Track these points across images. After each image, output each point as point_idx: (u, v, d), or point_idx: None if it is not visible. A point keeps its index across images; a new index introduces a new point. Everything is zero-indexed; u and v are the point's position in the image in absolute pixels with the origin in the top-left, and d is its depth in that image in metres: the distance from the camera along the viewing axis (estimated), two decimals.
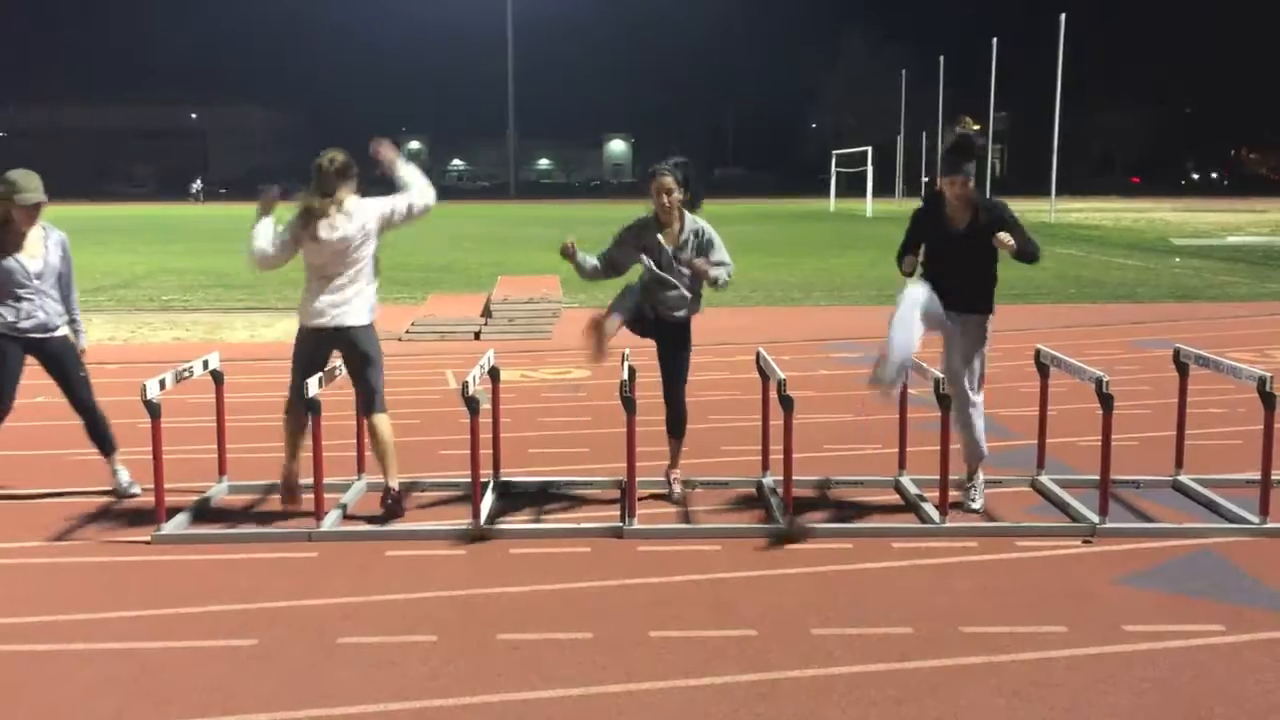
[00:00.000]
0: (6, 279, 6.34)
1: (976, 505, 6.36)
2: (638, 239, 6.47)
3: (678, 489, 6.60)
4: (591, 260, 6.54)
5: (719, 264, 6.44)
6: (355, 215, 6.14)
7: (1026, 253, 6.17)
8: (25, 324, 6.42)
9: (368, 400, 6.26)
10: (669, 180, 6.33)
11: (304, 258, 6.19)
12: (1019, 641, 4.60)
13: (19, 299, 6.38)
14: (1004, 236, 6.07)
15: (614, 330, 6.27)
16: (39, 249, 6.42)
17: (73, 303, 6.70)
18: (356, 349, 6.20)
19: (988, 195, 6.83)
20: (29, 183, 6.32)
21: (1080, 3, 62.87)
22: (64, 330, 6.62)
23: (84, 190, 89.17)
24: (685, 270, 6.40)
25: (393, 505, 6.16)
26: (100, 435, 6.72)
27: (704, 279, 6.40)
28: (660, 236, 6.42)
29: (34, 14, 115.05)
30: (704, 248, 6.43)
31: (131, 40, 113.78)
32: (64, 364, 6.59)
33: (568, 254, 6.41)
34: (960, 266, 6.27)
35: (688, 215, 6.46)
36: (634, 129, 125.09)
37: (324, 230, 6.06)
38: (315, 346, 6.22)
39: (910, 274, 6.40)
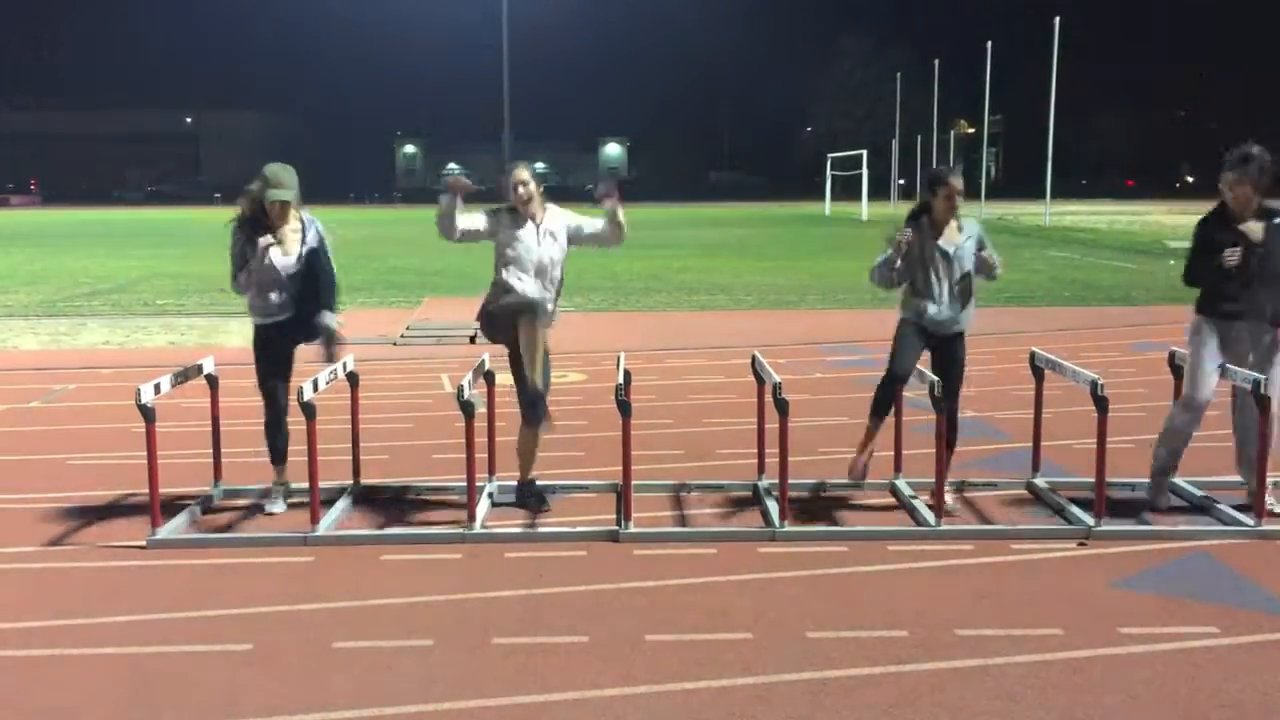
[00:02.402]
0: (260, 273, 6.27)
1: None
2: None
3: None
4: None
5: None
6: (555, 217, 6.39)
7: None
8: (280, 318, 6.35)
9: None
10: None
11: (505, 250, 6.28)
12: (1015, 644, 4.61)
13: (271, 293, 6.31)
14: None
15: None
16: (294, 245, 6.34)
17: (325, 291, 6.48)
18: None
19: (981, 198, 6.86)
20: (280, 179, 6.24)
21: (1074, 6, 63.03)
22: (333, 321, 6.44)
23: (78, 194, 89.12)
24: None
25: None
26: (282, 445, 6.56)
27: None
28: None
29: (27, 18, 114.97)
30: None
31: (126, 44, 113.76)
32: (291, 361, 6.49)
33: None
34: (1261, 274, 6.11)
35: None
36: (629, 132, 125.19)
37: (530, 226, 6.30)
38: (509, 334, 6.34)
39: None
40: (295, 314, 6.35)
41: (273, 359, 6.43)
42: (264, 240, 6.19)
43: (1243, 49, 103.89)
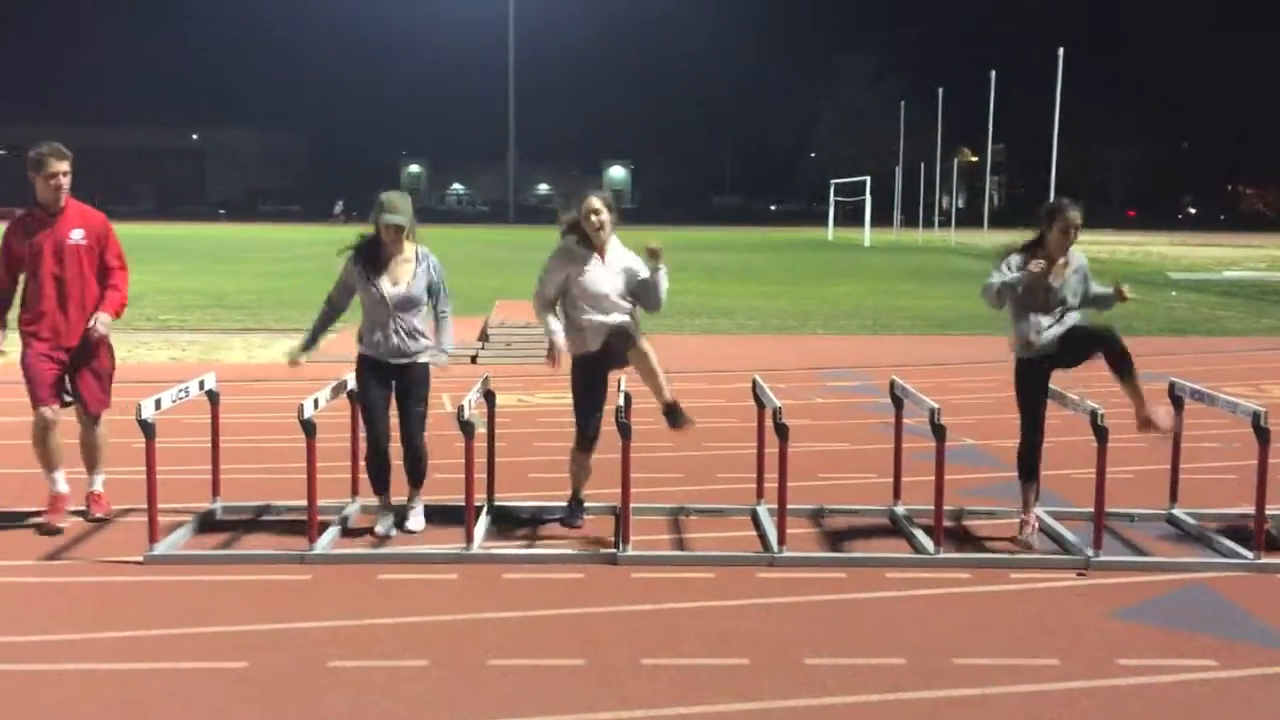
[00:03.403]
0: (369, 304, 6.26)
1: None
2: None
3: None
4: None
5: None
6: (620, 254, 6.48)
7: None
8: (381, 351, 6.28)
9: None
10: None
11: (586, 286, 6.28)
12: (1011, 674, 4.59)
13: (377, 326, 6.26)
14: None
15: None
16: (406, 275, 6.28)
17: (440, 323, 6.51)
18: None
19: (985, 226, 6.89)
20: (394, 204, 6.22)
21: (1079, 37, 63.36)
22: (426, 358, 6.41)
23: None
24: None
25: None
26: (413, 470, 6.51)
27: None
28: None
29: (34, 35, 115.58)
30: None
31: (132, 61, 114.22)
32: (407, 395, 6.39)
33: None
34: None
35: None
36: (633, 155, 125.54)
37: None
38: (603, 371, 6.40)
39: None
40: (400, 348, 6.29)
41: (370, 390, 6.35)
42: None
43: (1246, 82, 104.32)
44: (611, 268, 6.36)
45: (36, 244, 6.34)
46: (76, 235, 6.41)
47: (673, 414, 6.23)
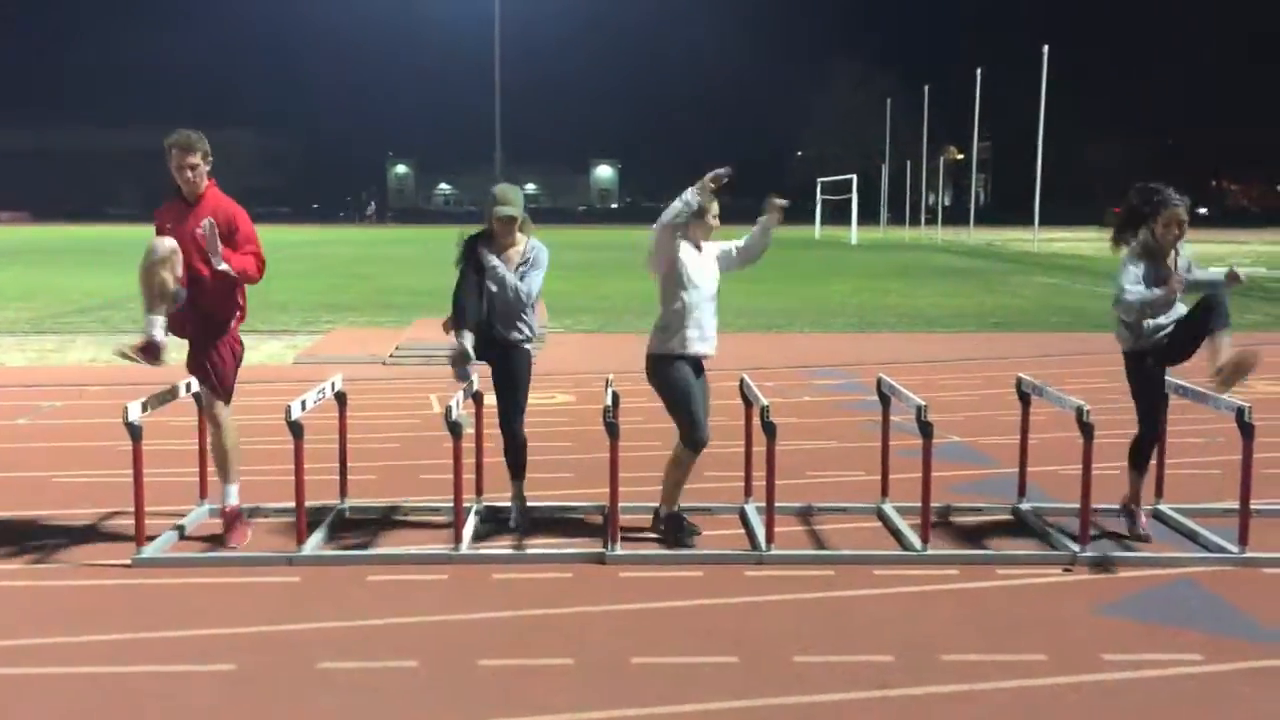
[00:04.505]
0: (484, 294, 6.29)
1: None
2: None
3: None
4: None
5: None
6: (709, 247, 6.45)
7: None
8: (488, 336, 6.34)
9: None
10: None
11: (689, 278, 6.21)
12: (999, 670, 4.62)
13: (491, 313, 6.32)
14: None
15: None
16: (514, 265, 6.34)
17: (514, 309, 6.45)
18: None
19: (971, 224, 6.88)
20: (507, 197, 6.25)
21: (1063, 34, 63.52)
22: (530, 347, 6.50)
23: (68, 211, 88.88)
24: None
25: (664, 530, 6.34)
26: (513, 460, 6.56)
27: None
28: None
29: (27, 37, 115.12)
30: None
31: (121, 62, 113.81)
32: (508, 380, 6.43)
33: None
34: None
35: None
36: (620, 154, 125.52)
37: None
38: (696, 374, 6.32)
39: None
40: (502, 337, 6.35)
41: (495, 378, 6.45)
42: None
43: (1230, 78, 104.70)
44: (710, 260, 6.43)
45: (173, 231, 6.20)
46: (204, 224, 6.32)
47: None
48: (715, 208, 6.32)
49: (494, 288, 6.29)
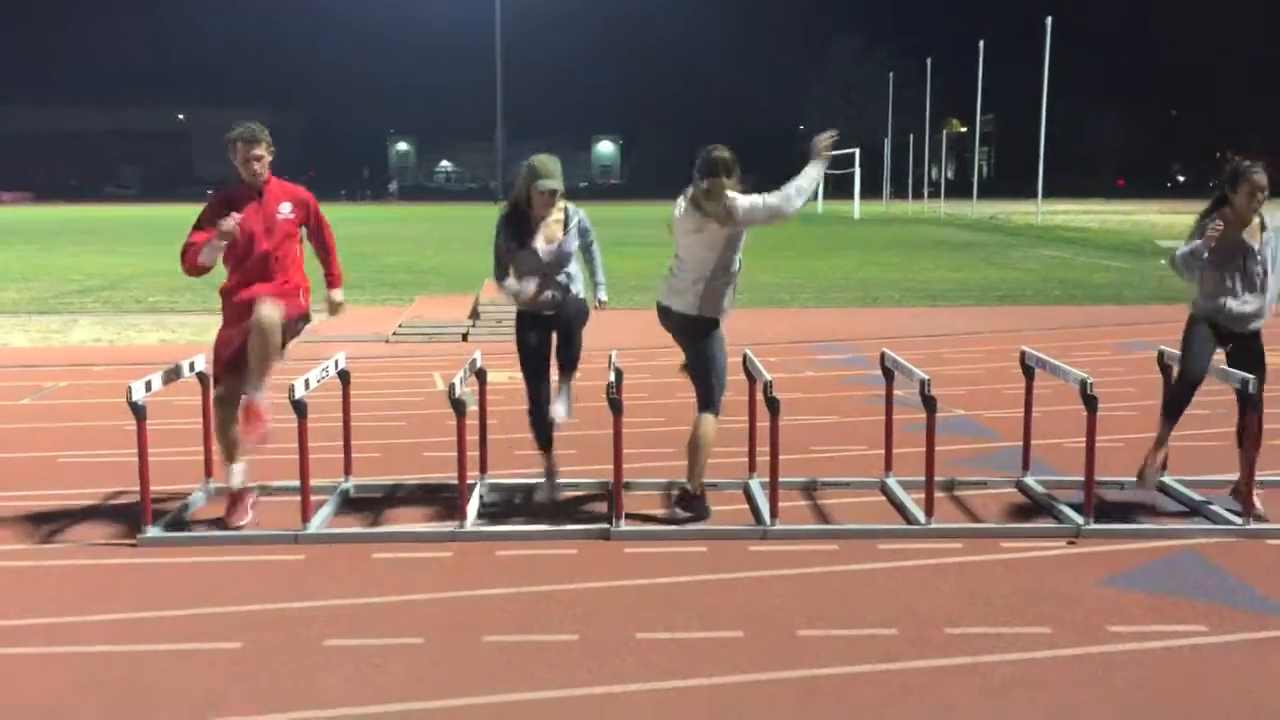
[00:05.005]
0: (526, 266, 6.26)
1: None
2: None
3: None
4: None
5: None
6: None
7: None
8: (537, 305, 6.33)
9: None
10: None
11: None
12: (1003, 642, 4.62)
13: (529, 280, 6.28)
14: None
15: None
16: (556, 234, 6.31)
17: (595, 268, 6.66)
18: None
19: (974, 197, 6.84)
20: (548, 169, 6.21)
21: (1067, 6, 63.11)
22: (604, 295, 6.70)
23: (70, 191, 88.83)
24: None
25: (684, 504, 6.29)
26: (566, 361, 6.53)
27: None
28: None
29: (19, 17, 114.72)
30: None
31: (118, 42, 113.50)
32: (565, 329, 6.40)
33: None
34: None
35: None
36: (622, 130, 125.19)
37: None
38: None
39: None
40: (554, 300, 6.32)
41: (527, 345, 6.42)
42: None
43: (1234, 49, 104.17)
44: None
45: (245, 219, 6.19)
46: (285, 210, 6.38)
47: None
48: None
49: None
